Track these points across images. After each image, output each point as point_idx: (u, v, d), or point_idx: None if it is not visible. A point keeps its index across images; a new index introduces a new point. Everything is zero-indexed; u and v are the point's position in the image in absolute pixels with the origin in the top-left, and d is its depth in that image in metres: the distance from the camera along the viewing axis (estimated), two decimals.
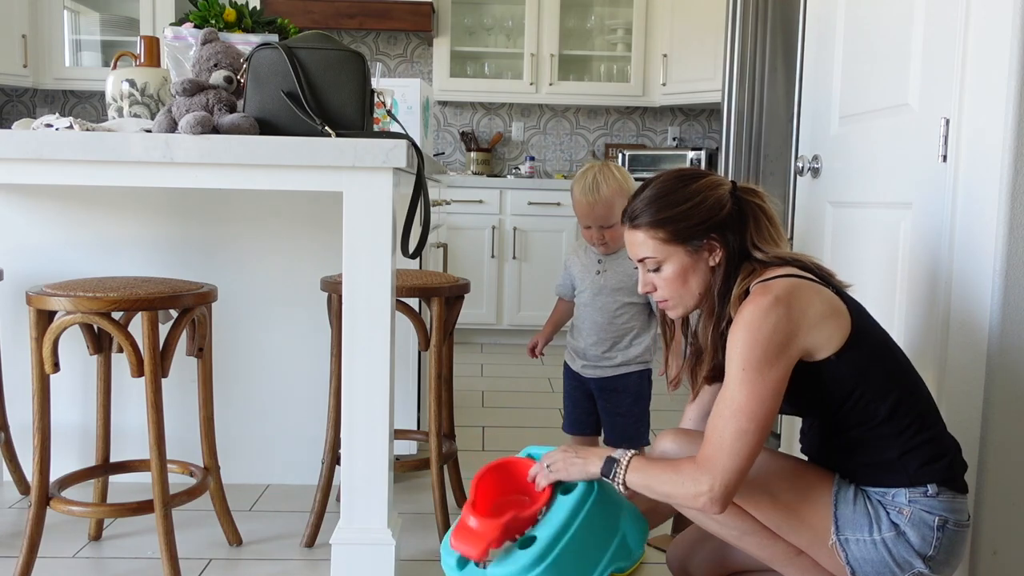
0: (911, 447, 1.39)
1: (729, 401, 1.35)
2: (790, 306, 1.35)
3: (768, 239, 1.47)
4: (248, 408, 2.43)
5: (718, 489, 1.32)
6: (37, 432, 1.78)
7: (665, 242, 1.46)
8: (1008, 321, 1.63)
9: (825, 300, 1.39)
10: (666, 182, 1.50)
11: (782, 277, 1.40)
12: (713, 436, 1.35)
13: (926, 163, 1.82)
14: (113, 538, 2.09)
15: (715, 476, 1.32)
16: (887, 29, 2.04)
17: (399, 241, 1.78)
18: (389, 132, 1.88)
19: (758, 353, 1.33)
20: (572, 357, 2.27)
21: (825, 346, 1.38)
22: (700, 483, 1.33)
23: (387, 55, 5.26)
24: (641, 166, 4.94)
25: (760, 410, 1.33)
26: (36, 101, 5.15)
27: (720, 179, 1.51)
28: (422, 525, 2.13)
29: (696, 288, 1.48)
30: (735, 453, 1.33)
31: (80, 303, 1.70)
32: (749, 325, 1.35)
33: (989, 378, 1.65)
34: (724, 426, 1.34)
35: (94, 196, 2.35)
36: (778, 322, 1.34)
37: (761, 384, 1.33)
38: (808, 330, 1.36)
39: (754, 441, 1.33)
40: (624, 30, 5.14)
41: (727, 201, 1.47)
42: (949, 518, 1.36)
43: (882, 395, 1.40)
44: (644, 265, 1.51)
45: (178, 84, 1.70)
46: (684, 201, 1.46)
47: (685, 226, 1.45)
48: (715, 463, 1.33)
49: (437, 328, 2.04)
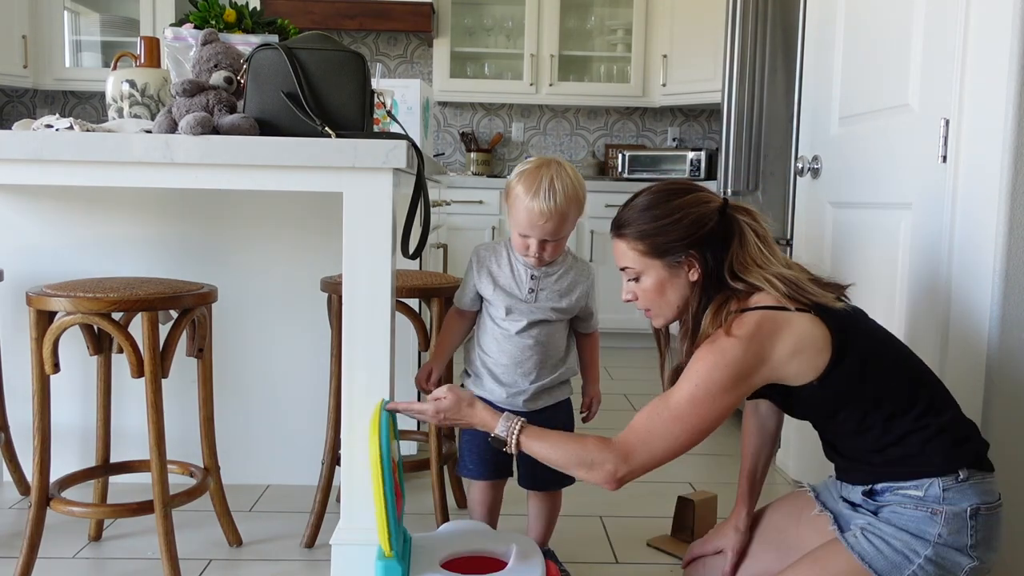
0: (931, 436, 1.39)
1: (673, 407, 1.41)
2: (760, 343, 1.39)
3: (752, 260, 1.46)
4: (248, 408, 2.43)
5: (622, 472, 1.41)
6: (37, 432, 1.78)
7: (644, 254, 1.49)
8: (1008, 321, 1.63)
9: (797, 334, 1.40)
10: (656, 194, 1.52)
11: (757, 310, 1.41)
12: (640, 429, 1.42)
13: (926, 163, 1.82)
14: (113, 538, 2.09)
15: (626, 463, 1.40)
16: (887, 29, 2.04)
17: (399, 241, 1.78)
18: (389, 133, 1.88)
19: (716, 378, 1.39)
20: (484, 387, 1.79)
21: (798, 377, 1.41)
22: (605, 461, 1.41)
23: (387, 56, 5.27)
24: (641, 166, 4.95)
25: (699, 425, 1.40)
26: (36, 102, 5.15)
27: (709, 196, 1.51)
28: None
29: (674, 301, 1.51)
30: (654, 452, 1.41)
31: (80, 303, 1.70)
32: (713, 351, 1.40)
33: (989, 378, 1.65)
34: (656, 425, 1.41)
35: (94, 196, 2.35)
36: (743, 357, 1.38)
37: (709, 406, 1.39)
38: (773, 367, 1.40)
39: (677, 447, 1.41)
40: (624, 31, 5.14)
41: (711, 219, 1.47)
42: (980, 504, 1.36)
43: (886, 394, 1.41)
44: (625, 274, 1.54)
45: (178, 85, 1.70)
46: (666, 216, 1.48)
47: (663, 241, 1.47)
48: (631, 453, 1.40)
49: (437, 328, 2.04)
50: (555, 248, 1.73)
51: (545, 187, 1.67)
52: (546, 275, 1.78)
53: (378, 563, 1.47)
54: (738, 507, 1.72)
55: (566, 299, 1.78)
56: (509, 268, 1.79)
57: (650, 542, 2.12)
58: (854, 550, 1.40)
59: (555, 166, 1.71)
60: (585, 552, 2.07)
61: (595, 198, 4.73)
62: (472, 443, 1.82)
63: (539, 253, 1.72)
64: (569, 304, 1.78)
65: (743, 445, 1.75)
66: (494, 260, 1.80)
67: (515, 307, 1.77)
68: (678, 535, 2.13)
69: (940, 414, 1.41)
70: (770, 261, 1.48)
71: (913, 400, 1.41)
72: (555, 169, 1.70)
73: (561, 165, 1.72)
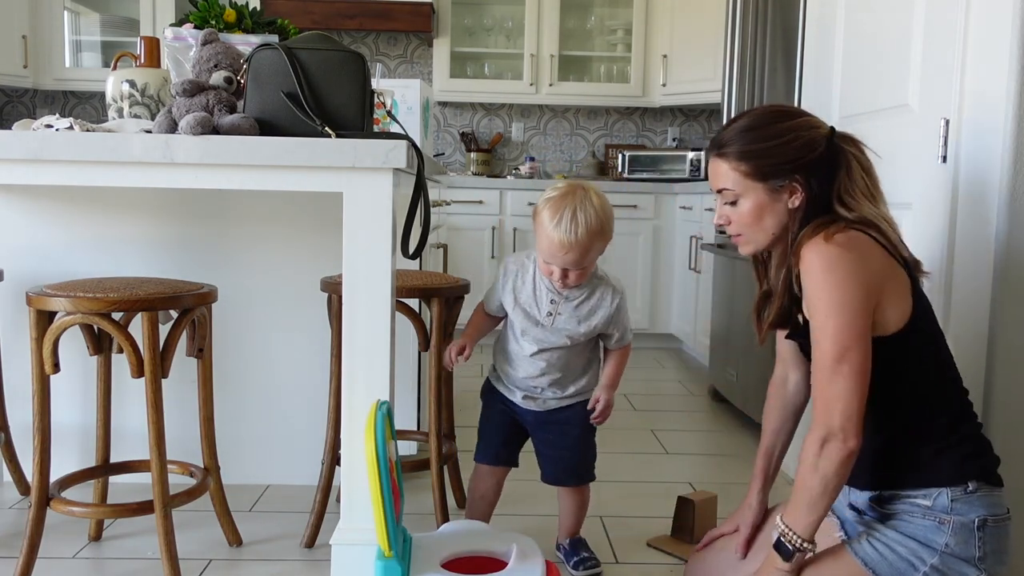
0: (945, 446, 1.38)
1: (826, 360, 1.33)
2: (859, 252, 1.34)
3: (860, 192, 1.42)
4: (248, 408, 2.43)
5: (837, 425, 1.31)
6: (37, 432, 1.78)
7: (747, 176, 1.43)
8: (1008, 321, 1.63)
9: (886, 262, 1.36)
10: (761, 115, 1.46)
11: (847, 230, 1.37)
12: (819, 400, 1.35)
13: (926, 163, 1.82)
14: (113, 539, 2.09)
15: (840, 432, 1.32)
16: (887, 29, 2.04)
17: (399, 241, 1.78)
18: (389, 133, 1.88)
19: (835, 271, 1.32)
20: (505, 385, 1.90)
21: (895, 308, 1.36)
22: (827, 443, 1.32)
23: (387, 56, 5.27)
24: (641, 167, 4.94)
25: (853, 336, 1.31)
26: (36, 102, 5.15)
27: (817, 121, 1.46)
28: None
29: (771, 228, 1.45)
30: (848, 410, 1.32)
31: (80, 304, 1.70)
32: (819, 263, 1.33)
33: (989, 379, 1.65)
34: (828, 389, 1.33)
35: (94, 196, 2.35)
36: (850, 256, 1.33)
37: (849, 313, 1.31)
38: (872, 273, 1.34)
39: (860, 389, 1.32)
40: (624, 31, 5.14)
41: (820, 145, 1.42)
42: (988, 516, 1.35)
43: (929, 388, 1.40)
44: (722, 196, 1.48)
45: (178, 85, 1.70)
46: (775, 137, 1.42)
47: (770, 163, 1.41)
48: (831, 423, 1.33)
49: (437, 328, 2.04)
50: (579, 276, 1.74)
51: (567, 218, 1.67)
52: (567, 299, 1.79)
53: (378, 563, 1.48)
54: (753, 484, 1.69)
55: (585, 324, 1.79)
56: (532, 285, 1.81)
57: (650, 542, 2.12)
58: (858, 555, 1.39)
59: (580, 195, 1.69)
60: None
61: None
62: (484, 426, 1.95)
63: (562, 280, 1.74)
64: (588, 329, 1.79)
65: (764, 421, 1.72)
66: (520, 274, 1.83)
67: (529, 330, 1.81)
68: (678, 535, 2.13)
69: (966, 422, 1.40)
70: (878, 195, 1.43)
71: (948, 403, 1.40)
72: (580, 199, 1.69)
73: (587, 194, 1.70)
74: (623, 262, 4.68)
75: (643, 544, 2.12)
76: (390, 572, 1.47)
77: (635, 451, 2.89)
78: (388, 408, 1.58)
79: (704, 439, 3.10)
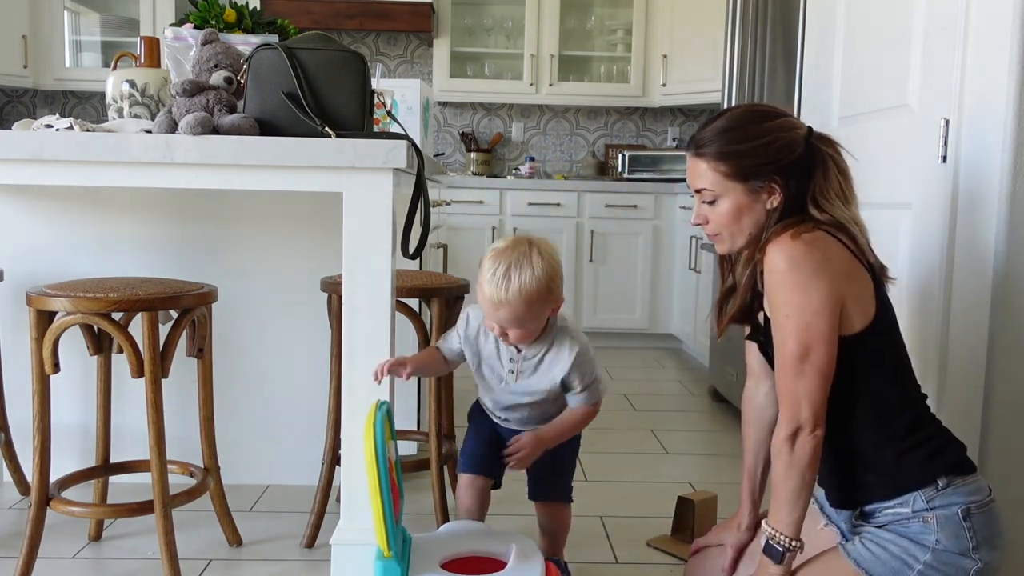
0: (907, 448, 1.38)
1: (788, 358, 1.36)
2: (822, 250, 1.36)
3: (834, 193, 1.42)
4: (248, 408, 2.43)
5: (805, 418, 1.35)
6: (37, 432, 1.78)
7: (726, 176, 1.43)
8: (1008, 322, 1.63)
9: (851, 264, 1.38)
10: (741, 115, 1.46)
11: (815, 230, 1.38)
12: (785, 396, 1.38)
13: (926, 163, 1.82)
14: (113, 539, 2.09)
15: (808, 423, 1.36)
16: (887, 29, 2.04)
17: (399, 241, 1.78)
18: (389, 133, 1.88)
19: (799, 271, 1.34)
20: (488, 407, 1.81)
21: (857, 310, 1.37)
22: (796, 434, 1.36)
23: (387, 56, 5.27)
24: (641, 166, 4.94)
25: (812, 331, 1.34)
26: (36, 102, 5.15)
27: (796, 122, 1.47)
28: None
29: (748, 228, 1.45)
30: (814, 404, 1.36)
31: (80, 304, 1.70)
32: (780, 258, 1.36)
33: (989, 379, 1.65)
34: (792, 386, 1.36)
35: (94, 196, 2.35)
36: (811, 252, 1.35)
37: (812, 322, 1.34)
38: (836, 274, 1.35)
39: (823, 382, 1.35)
40: (624, 31, 5.14)
41: (799, 146, 1.42)
42: (971, 504, 1.35)
43: (885, 393, 1.40)
44: (700, 196, 1.48)
45: (178, 85, 1.70)
46: (755, 138, 1.42)
47: (750, 163, 1.41)
48: (796, 417, 1.36)
49: (437, 328, 2.04)
50: (520, 336, 1.61)
51: (500, 274, 1.55)
52: (525, 357, 1.67)
53: (377, 563, 1.48)
54: (741, 508, 1.70)
55: (547, 379, 1.67)
56: (495, 341, 1.69)
57: (650, 542, 2.12)
58: (850, 556, 1.39)
59: (521, 252, 1.56)
60: (585, 552, 2.07)
61: (595, 198, 4.74)
62: (467, 440, 1.84)
63: (503, 337, 1.63)
64: (552, 385, 1.67)
65: (744, 439, 1.73)
66: (483, 330, 1.69)
67: (495, 387, 1.71)
68: (678, 535, 2.13)
69: (919, 430, 1.40)
70: (851, 197, 1.44)
71: (905, 406, 1.40)
72: (519, 256, 1.56)
73: (531, 251, 1.57)
74: (623, 262, 4.68)
75: (643, 544, 2.12)
76: (390, 572, 1.47)
77: (635, 451, 2.89)
78: (388, 408, 1.58)
79: (704, 439, 3.10)
